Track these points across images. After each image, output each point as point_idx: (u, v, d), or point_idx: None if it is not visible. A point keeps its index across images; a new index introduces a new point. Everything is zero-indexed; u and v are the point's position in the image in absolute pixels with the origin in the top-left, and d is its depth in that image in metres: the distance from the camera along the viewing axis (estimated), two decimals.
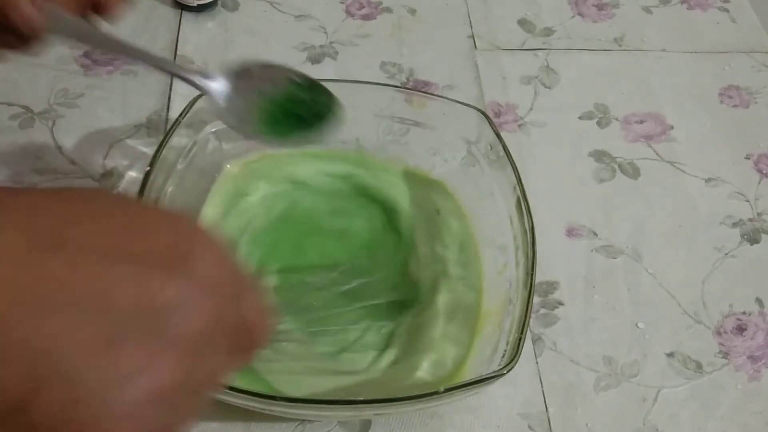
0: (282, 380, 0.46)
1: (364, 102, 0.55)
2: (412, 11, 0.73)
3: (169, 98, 0.63)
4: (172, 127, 0.50)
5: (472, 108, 0.54)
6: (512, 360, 0.42)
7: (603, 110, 0.67)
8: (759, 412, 0.51)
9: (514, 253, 0.49)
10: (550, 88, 0.68)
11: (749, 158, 0.65)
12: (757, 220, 0.61)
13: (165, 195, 0.49)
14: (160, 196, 0.49)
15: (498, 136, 0.52)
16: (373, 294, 0.51)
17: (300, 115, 0.45)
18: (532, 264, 0.46)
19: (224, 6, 0.71)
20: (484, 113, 0.54)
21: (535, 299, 0.53)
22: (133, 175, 0.58)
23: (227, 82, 0.43)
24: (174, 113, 0.61)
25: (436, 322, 0.49)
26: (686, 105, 0.68)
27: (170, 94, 0.63)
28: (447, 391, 0.41)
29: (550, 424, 0.49)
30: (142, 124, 0.61)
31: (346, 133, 0.57)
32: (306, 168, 0.57)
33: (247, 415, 0.47)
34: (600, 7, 0.76)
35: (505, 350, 0.43)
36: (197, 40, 0.68)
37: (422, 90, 0.65)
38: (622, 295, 0.55)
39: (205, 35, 0.69)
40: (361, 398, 0.41)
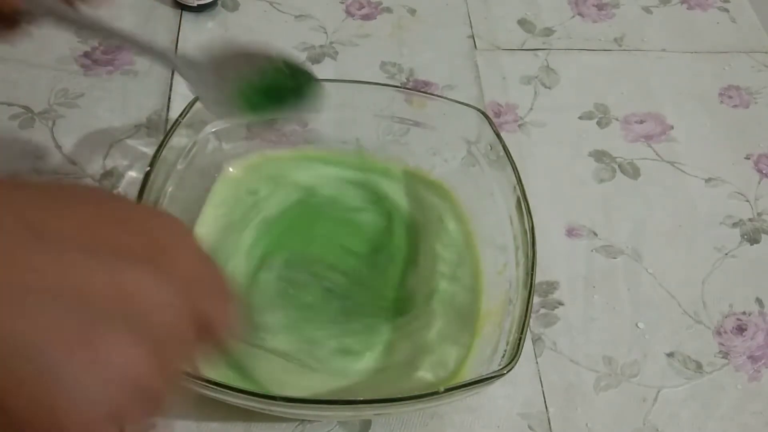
0: (277, 381, 0.46)
1: (364, 102, 0.55)
2: (412, 11, 0.73)
3: (169, 98, 0.63)
4: (172, 127, 0.50)
5: (472, 108, 0.54)
6: (512, 360, 0.42)
7: (603, 110, 0.67)
8: (759, 412, 0.51)
9: (514, 253, 0.49)
10: (550, 88, 0.68)
11: (749, 158, 0.65)
12: (757, 220, 0.61)
13: (165, 195, 0.50)
14: (160, 196, 0.49)
15: (498, 136, 0.52)
16: (373, 294, 0.51)
17: (277, 90, 0.45)
18: (532, 264, 0.46)
19: (224, 6, 0.71)
20: (484, 113, 0.54)
21: (535, 299, 0.53)
22: (133, 175, 0.58)
23: (203, 60, 0.44)
24: (174, 113, 0.61)
25: (436, 322, 0.49)
26: (686, 105, 0.68)
27: (170, 94, 0.63)
28: (447, 391, 0.41)
29: (550, 424, 0.49)
30: (142, 124, 0.61)
31: (346, 133, 0.57)
32: (307, 169, 0.57)
33: (247, 415, 0.47)
34: (600, 7, 0.76)
35: (505, 350, 0.43)
36: (197, 40, 0.68)
37: (422, 90, 0.65)
38: (622, 295, 0.55)
39: (205, 35, 0.68)
40: (361, 398, 0.41)
